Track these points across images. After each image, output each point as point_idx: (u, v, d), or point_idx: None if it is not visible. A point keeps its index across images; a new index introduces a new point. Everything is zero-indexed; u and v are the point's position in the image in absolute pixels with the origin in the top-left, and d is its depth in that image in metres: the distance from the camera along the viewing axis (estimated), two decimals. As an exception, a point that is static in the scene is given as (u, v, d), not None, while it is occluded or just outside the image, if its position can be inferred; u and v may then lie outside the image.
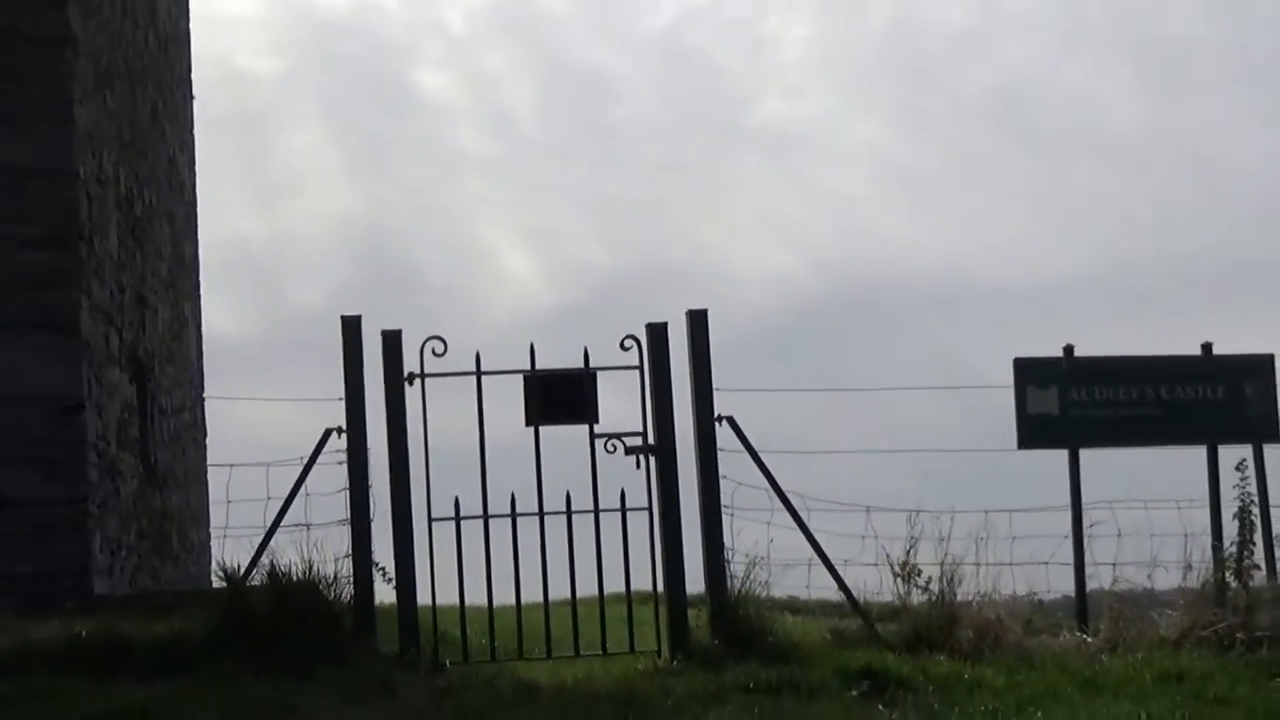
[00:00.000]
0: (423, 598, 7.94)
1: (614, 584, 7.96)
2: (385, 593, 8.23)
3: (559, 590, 8.06)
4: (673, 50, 36.38)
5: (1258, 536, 8.10)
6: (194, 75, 15.07)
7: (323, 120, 35.30)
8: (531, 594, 8.01)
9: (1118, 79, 35.87)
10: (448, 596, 8.01)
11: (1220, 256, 31.61)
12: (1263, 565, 8.01)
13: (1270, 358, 8.84)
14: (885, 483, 8.43)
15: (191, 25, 15.03)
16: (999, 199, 35.72)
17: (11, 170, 9.04)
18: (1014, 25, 36.82)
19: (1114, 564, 8.09)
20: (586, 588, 8.02)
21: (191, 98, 15.02)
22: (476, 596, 8.03)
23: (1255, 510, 8.24)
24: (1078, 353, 8.67)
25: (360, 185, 34.19)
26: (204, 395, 14.64)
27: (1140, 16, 35.89)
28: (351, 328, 8.05)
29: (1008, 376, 8.42)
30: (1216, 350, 8.78)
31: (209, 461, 13.93)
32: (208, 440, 14.50)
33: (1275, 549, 8.14)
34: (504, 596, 8.00)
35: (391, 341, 8.06)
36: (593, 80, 36.25)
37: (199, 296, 14.99)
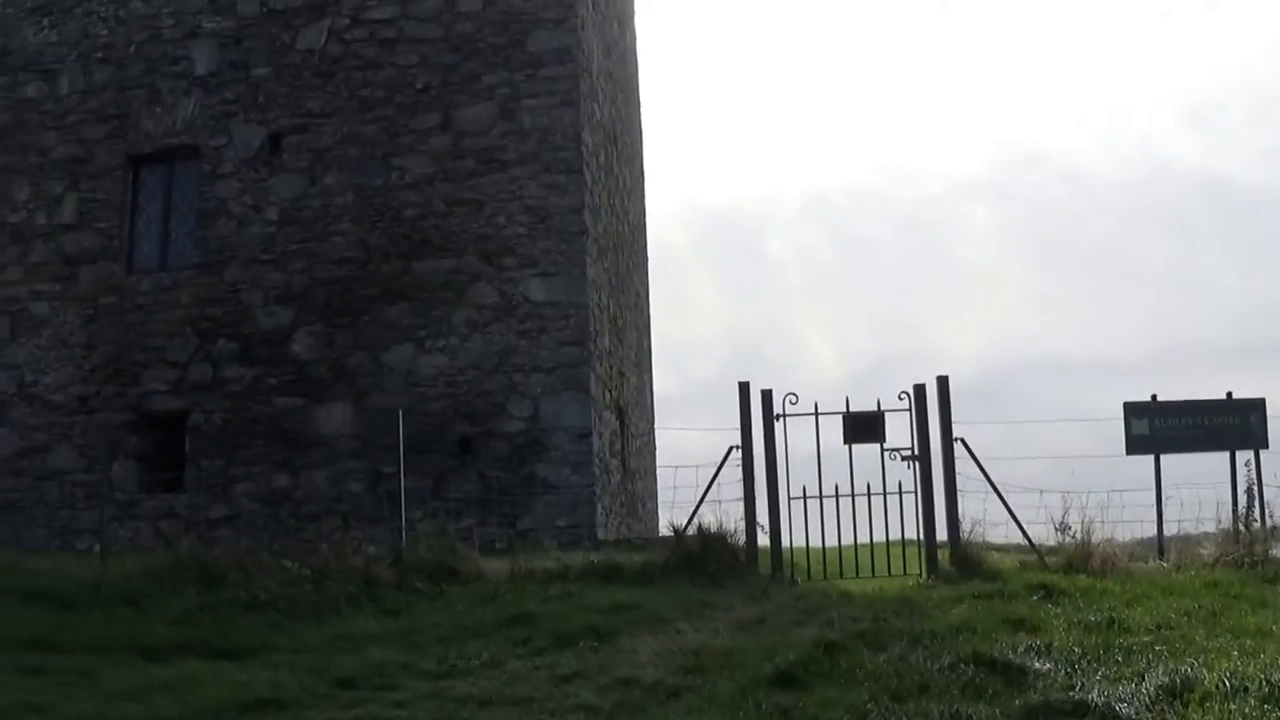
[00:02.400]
0: (784, 543, 14.56)
1: (893, 534, 14.68)
2: (763, 540, 14.55)
3: (862, 537, 14.44)
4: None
5: (1256, 504, 14.21)
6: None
7: (708, 270, 61.67)
8: (845, 540, 14.54)
9: None
10: (798, 542, 14.57)
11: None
12: (1259, 519, 14.05)
13: (1262, 400, 15.05)
14: (1049, 476, 14.82)
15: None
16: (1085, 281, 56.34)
17: (557, 304, 17.56)
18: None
19: (1178, 520, 14.44)
20: (877, 536, 14.58)
21: (647, 260, 24.39)
22: (815, 542, 14.49)
23: (1256, 488, 14.34)
24: (1159, 399, 15.11)
25: (730, 307, 59.66)
26: (654, 426, 24.10)
27: None
28: (744, 387, 14.95)
29: (1118, 411, 14.91)
30: (1235, 395, 15.08)
31: (658, 464, 22.94)
32: (656, 452, 23.44)
33: (1266, 510, 14.22)
34: (830, 541, 14.52)
35: (766, 395, 14.84)
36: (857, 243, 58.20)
37: (651, 370, 24.33)
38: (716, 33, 69.91)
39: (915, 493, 14.54)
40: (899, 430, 14.64)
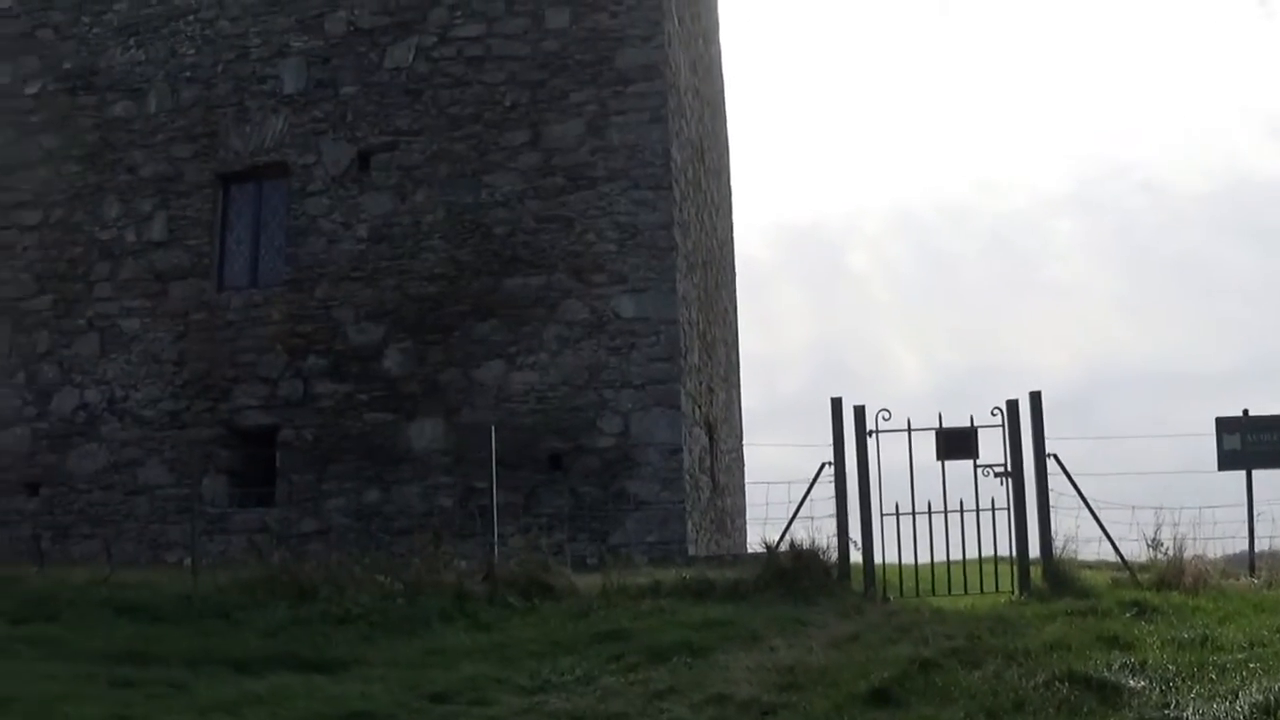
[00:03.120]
0: (876, 559, 14.89)
1: (985, 550, 15.09)
2: (854, 556, 14.93)
3: (954, 553, 14.75)
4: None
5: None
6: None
7: (794, 285, 63.51)
8: (938, 557, 14.83)
9: None
10: (890, 558, 15.02)
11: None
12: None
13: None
14: (1140, 491, 15.21)
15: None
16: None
17: (648, 319, 18.30)
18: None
19: (1270, 536, 14.85)
20: (969, 553, 14.89)
21: (734, 275, 24.98)
22: (907, 558, 14.83)
23: (1351, 505, 14.62)
24: (1250, 413, 15.42)
25: (814, 323, 61.23)
26: (743, 442, 24.75)
27: None
28: (836, 404, 15.32)
29: (1209, 426, 15.29)
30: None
31: (746, 480, 23.78)
32: (744, 468, 23.97)
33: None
34: (921, 558, 14.83)
35: (859, 411, 15.20)
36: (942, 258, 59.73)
37: (740, 385, 24.79)
38: (800, 48, 70.77)
39: (1008, 509, 14.90)
40: (991, 446, 15.01)
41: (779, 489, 15.64)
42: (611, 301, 19.39)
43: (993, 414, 15.02)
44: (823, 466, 15.04)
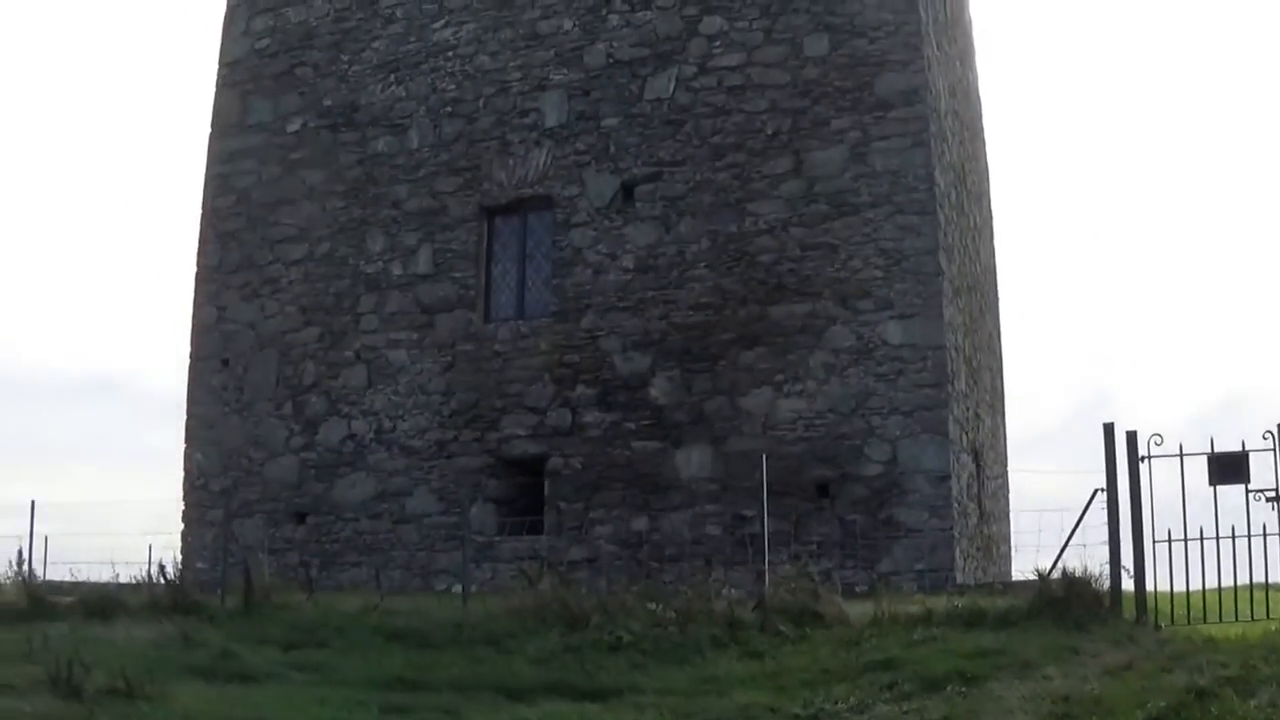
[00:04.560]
0: (1147, 586, 15.65)
1: (1257, 577, 16.14)
2: (1126, 584, 14.87)
3: (1225, 580, 15.34)
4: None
5: None
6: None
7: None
8: (1209, 583, 15.49)
9: None
10: (1162, 585, 14.95)
11: None
12: None
13: None
14: None
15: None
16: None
17: (915, 346, 20.44)
18: None
19: None
20: (1241, 579, 15.56)
21: (998, 300, 27.42)
22: (1179, 585, 15.26)
23: None
24: None
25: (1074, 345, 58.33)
26: (1008, 468, 27.01)
27: None
28: (1108, 429, 15.95)
29: None
30: None
31: (1011, 507, 25.87)
32: (1009, 494, 26.31)
33: None
34: (1194, 585, 15.39)
35: (1131, 437, 15.87)
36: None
37: (1004, 411, 27.44)
38: (1055, 69, 71.58)
39: (1280, 534, 15.82)
40: (1264, 470, 15.54)
41: (1045, 516, 16.96)
42: (878, 328, 20.98)
43: (1264, 437, 15.68)
44: (1095, 493, 15.97)
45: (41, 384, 67.62)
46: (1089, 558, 15.80)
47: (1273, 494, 15.44)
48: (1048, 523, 16.82)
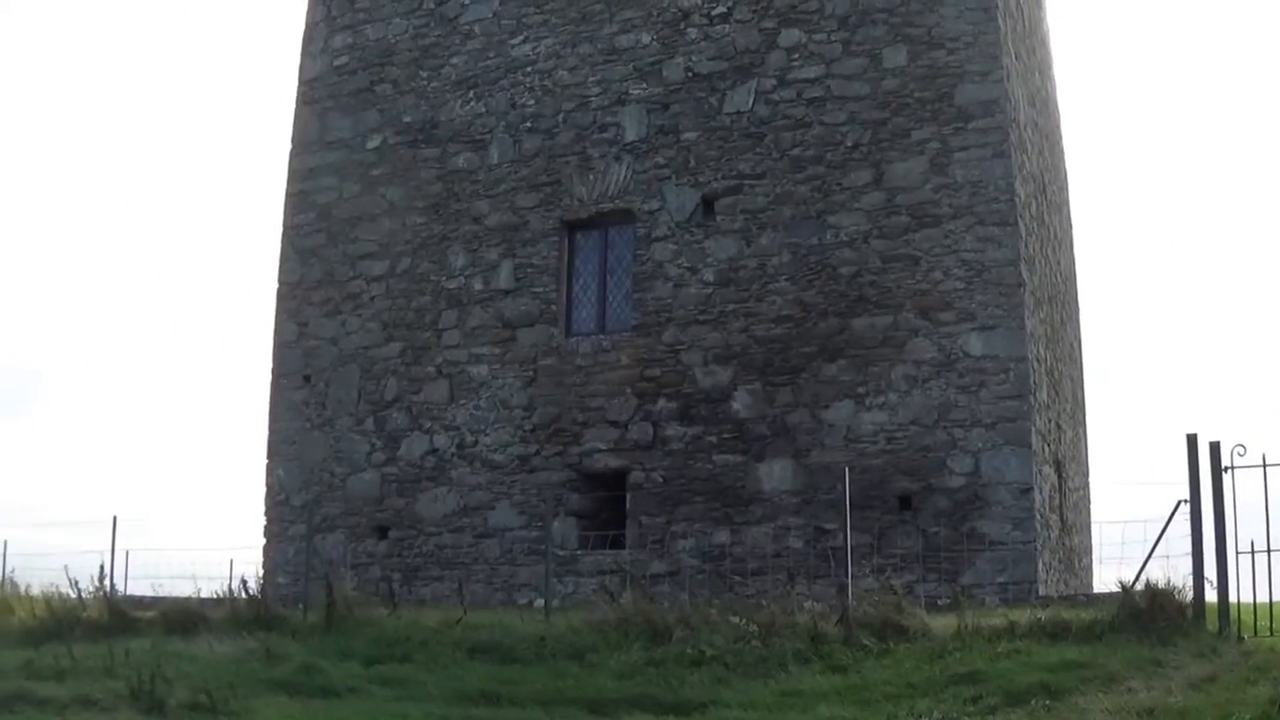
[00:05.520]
0: (1230, 598, 15.10)
1: None
2: (1210, 595, 15.02)
3: None
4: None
5: None
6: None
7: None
8: None
9: None
10: (1246, 597, 15.02)
11: None
12: None
13: None
14: None
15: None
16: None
17: (997, 357, 20.88)
18: None
19: None
20: None
21: (1078, 310, 28.12)
22: (1262, 596, 15.28)
23: None
24: None
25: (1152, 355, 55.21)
26: (1089, 479, 27.46)
27: None
28: (1191, 440, 15.88)
29: None
30: None
31: (1092, 518, 26.21)
32: (1091, 505, 26.85)
33: None
34: (1277, 595, 15.45)
35: (1214, 447, 15.87)
36: None
37: (1086, 422, 28.05)
38: (1133, 78, 71.65)
39: (1373, 546, 16.00)
40: None
41: (1123, 526, 17.13)
42: (960, 340, 21.28)
43: (1352, 451, 16.27)
44: (1179, 504, 16.05)
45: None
46: (1172, 569, 15.93)
47: (1358, 504, 15.53)
48: (1131, 535, 17.02)
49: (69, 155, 77.80)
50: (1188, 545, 15.67)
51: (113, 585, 22.58)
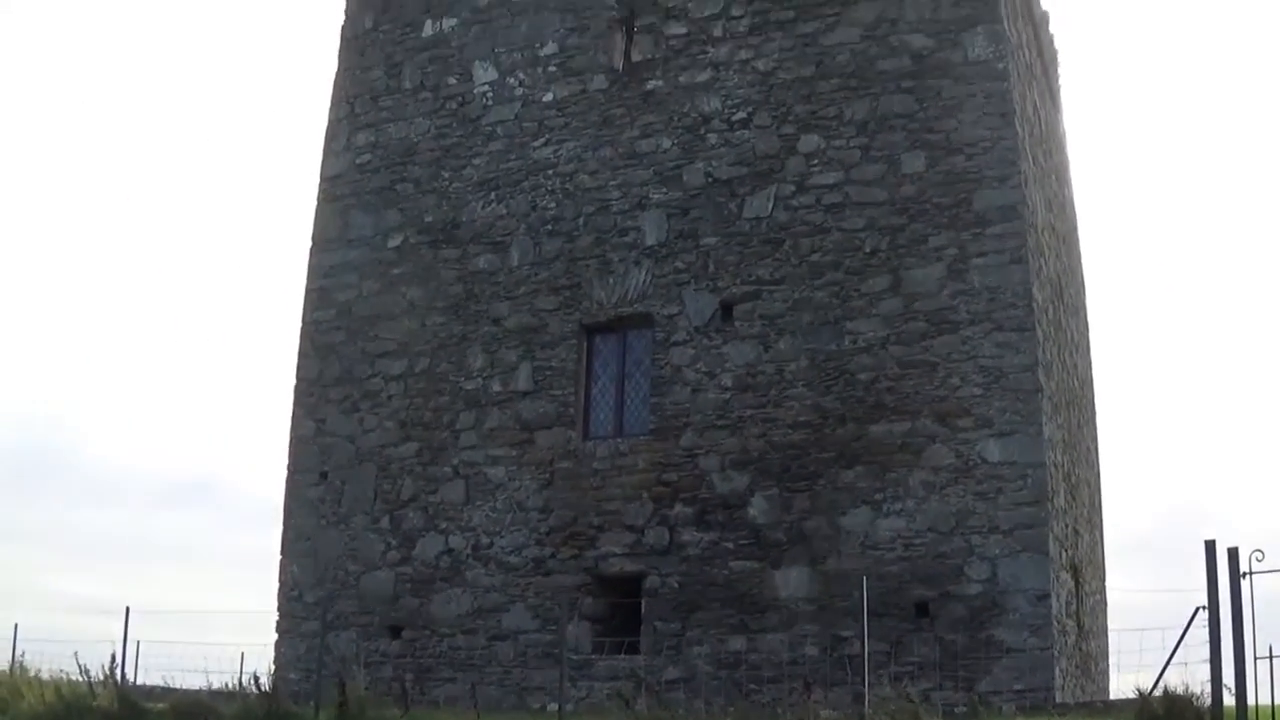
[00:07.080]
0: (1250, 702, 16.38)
1: None
2: (1228, 700, 16.07)
3: None
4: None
5: None
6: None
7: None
8: None
9: None
10: (1264, 700, 16.23)
11: None
12: None
13: None
14: None
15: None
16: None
17: (1015, 464, 21.30)
18: None
19: None
20: None
21: (1095, 414, 28.39)
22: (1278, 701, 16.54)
23: None
24: None
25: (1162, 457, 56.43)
26: (1105, 583, 27.87)
27: None
28: (1209, 546, 16.34)
29: None
30: None
31: (1109, 624, 26.88)
32: (1107, 610, 27.19)
33: None
34: None
35: (1233, 553, 16.37)
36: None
37: (1102, 526, 28.40)
38: (1148, 180, 72.74)
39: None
40: None
41: (1152, 634, 17.59)
42: (977, 446, 21.71)
43: (1361, 546, 16.71)
44: (1196, 611, 16.57)
45: (131, 487, 69.58)
46: (1190, 675, 16.43)
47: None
48: (1149, 642, 17.54)
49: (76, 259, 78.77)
50: (1206, 651, 15.98)
51: (123, 675, 23.06)
